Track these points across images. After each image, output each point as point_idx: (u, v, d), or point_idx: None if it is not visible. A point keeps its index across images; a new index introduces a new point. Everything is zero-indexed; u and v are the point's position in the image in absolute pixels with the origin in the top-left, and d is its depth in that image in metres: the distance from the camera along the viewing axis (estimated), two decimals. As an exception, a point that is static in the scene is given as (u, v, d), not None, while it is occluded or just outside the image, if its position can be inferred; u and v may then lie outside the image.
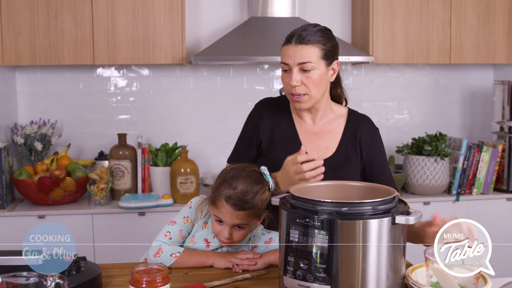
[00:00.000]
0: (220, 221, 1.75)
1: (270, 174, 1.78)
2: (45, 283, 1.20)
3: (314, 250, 1.36)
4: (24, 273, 1.26)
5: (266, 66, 3.69)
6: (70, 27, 3.16)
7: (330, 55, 1.89)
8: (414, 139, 3.48)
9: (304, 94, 1.87)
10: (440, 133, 3.43)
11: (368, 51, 3.41)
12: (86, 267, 1.54)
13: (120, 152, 3.30)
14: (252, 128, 2.03)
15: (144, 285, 1.32)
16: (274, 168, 1.85)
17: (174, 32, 3.24)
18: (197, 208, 1.87)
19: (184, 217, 1.86)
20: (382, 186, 1.55)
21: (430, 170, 3.35)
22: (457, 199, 3.39)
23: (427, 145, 3.36)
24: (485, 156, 3.44)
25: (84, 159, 3.54)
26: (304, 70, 1.85)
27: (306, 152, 1.78)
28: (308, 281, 1.36)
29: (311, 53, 1.85)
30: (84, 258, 1.59)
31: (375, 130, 2.02)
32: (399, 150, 3.48)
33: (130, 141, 3.45)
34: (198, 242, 1.84)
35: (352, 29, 3.72)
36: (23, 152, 3.31)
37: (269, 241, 1.85)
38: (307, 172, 1.74)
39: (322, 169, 1.75)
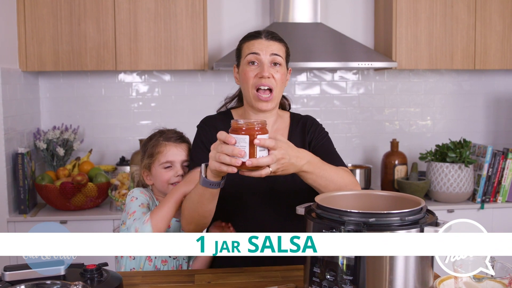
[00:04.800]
0: (169, 166, 1.95)
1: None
2: (68, 291, 1.20)
3: (340, 261, 1.33)
4: (48, 282, 1.26)
5: (287, 72, 3.67)
6: (93, 34, 3.17)
7: (288, 59, 1.92)
8: (437, 145, 3.42)
9: (271, 91, 1.81)
10: (464, 140, 3.37)
11: (391, 57, 3.37)
12: (108, 275, 1.53)
13: (142, 158, 3.30)
14: (204, 147, 1.86)
15: (243, 132, 1.42)
16: (232, 184, 1.74)
17: (196, 38, 3.24)
18: (140, 194, 1.97)
19: (139, 206, 1.91)
20: (410, 196, 1.52)
21: (454, 178, 3.30)
22: (482, 207, 3.33)
23: (451, 152, 3.31)
24: (510, 164, 3.38)
25: (105, 164, 3.56)
26: (274, 64, 1.83)
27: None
28: (334, 293, 1.34)
29: (281, 49, 1.87)
30: (106, 264, 1.58)
31: (319, 124, 2.00)
32: (423, 157, 3.43)
33: (152, 146, 3.44)
34: None
35: (375, 34, 3.68)
36: (46, 158, 3.33)
37: None
38: (222, 155, 1.42)
39: (238, 162, 1.41)
